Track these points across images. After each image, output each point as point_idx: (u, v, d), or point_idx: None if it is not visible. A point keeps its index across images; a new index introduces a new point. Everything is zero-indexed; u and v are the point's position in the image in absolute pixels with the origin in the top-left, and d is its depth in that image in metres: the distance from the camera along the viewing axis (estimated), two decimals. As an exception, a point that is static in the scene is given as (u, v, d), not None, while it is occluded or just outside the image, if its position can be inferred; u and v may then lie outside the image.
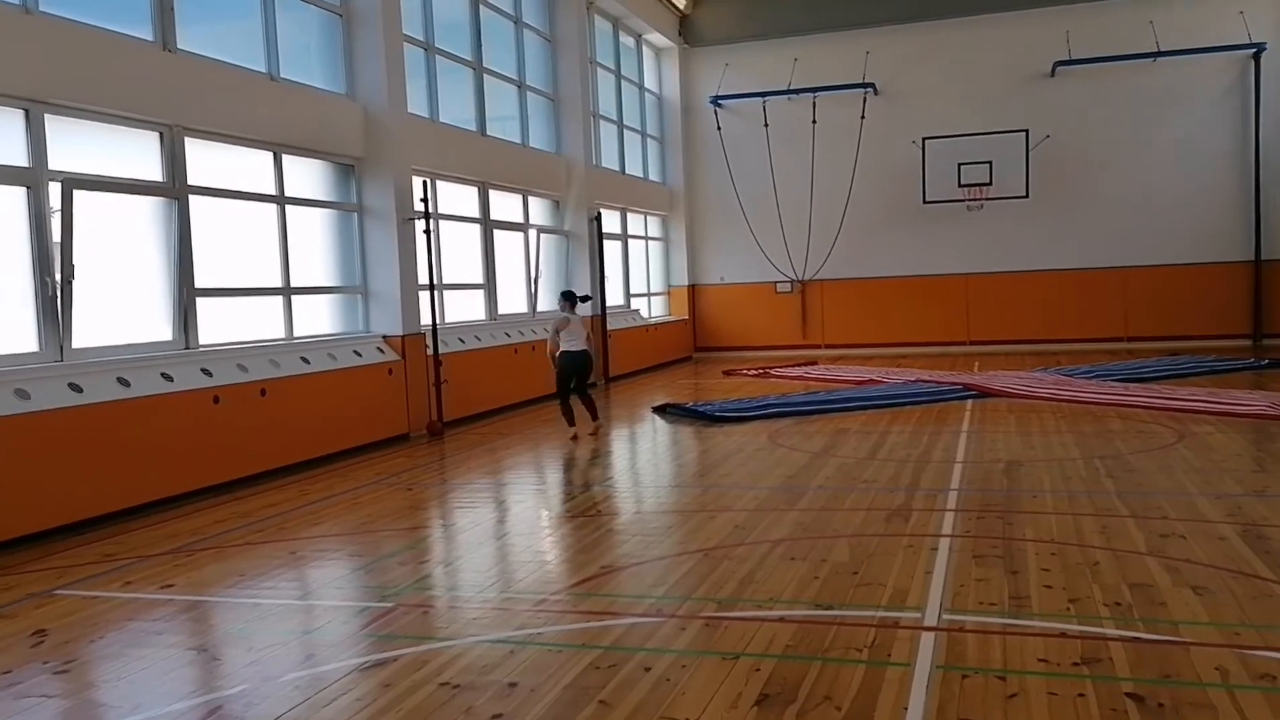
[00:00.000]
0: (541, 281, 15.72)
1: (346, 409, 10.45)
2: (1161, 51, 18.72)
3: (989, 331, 20.29)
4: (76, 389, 7.51)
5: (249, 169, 10.06)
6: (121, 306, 8.54)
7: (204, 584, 5.89)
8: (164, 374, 8.36)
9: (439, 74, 13.45)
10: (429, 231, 11.87)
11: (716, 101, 21.41)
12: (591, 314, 16.62)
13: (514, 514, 7.87)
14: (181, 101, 8.86)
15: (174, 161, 8.88)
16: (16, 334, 7.55)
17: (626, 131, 20.12)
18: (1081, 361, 17.11)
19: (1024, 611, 4.71)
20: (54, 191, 7.65)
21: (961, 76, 20.09)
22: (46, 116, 7.70)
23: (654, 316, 21.02)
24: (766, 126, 21.05)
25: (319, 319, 11.01)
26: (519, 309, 15.22)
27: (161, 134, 8.81)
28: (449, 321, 13.10)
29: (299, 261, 10.60)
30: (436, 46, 13.40)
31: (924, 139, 19.65)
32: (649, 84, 21.54)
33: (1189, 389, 12.71)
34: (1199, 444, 9.05)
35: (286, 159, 10.48)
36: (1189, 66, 18.92)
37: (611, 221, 18.69)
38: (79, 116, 8.03)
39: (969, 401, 12.67)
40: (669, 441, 10.97)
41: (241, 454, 9.01)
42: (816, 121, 20.73)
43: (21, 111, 7.56)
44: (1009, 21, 19.81)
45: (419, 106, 12.87)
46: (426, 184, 11.94)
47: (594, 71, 18.18)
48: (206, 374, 8.78)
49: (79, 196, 7.78)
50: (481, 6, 14.53)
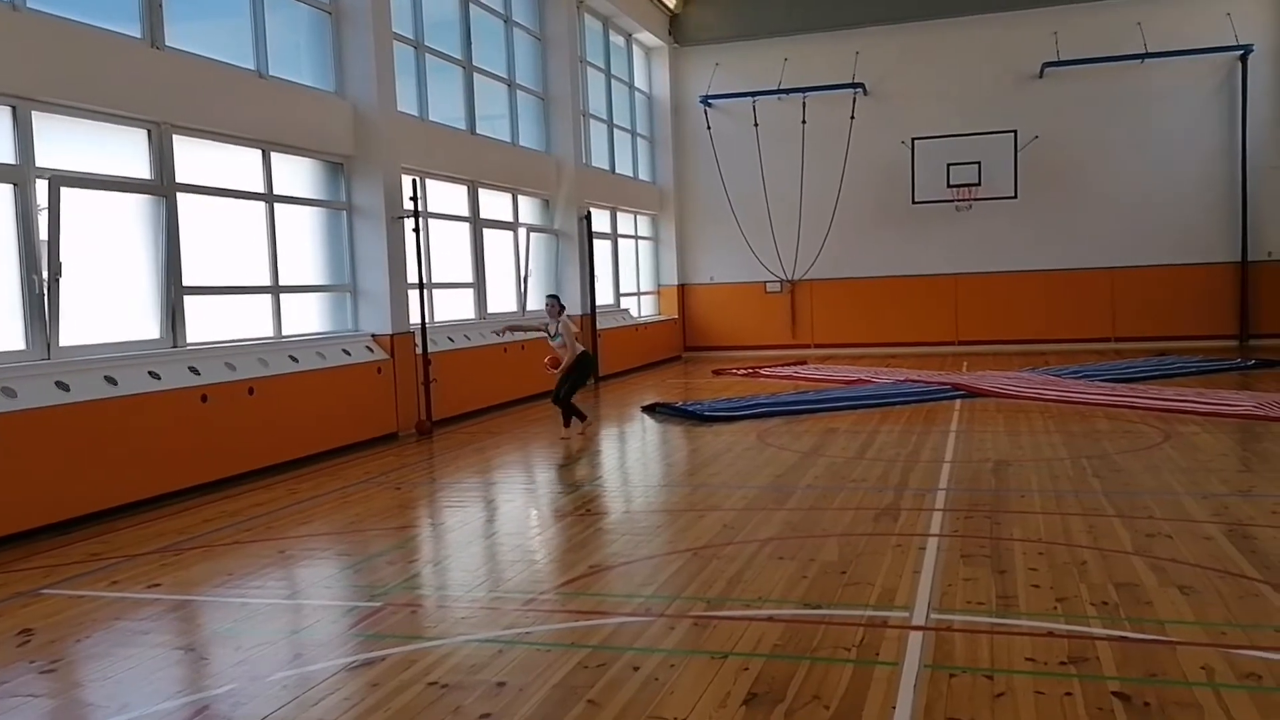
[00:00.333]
0: (531, 280, 15.71)
1: (335, 408, 10.42)
2: (1149, 53, 18.81)
3: (977, 331, 20.35)
4: (63, 387, 7.47)
5: (237, 167, 10.03)
6: (109, 304, 8.50)
7: (191, 583, 5.87)
8: (151, 372, 8.32)
9: (429, 72, 13.41)
10: (418, 230, 11.85)
11: (706, 101, 21.42)
12: (581, 313, 16.63)
13: (503, 513, 7.86)
14: (170, 99, 8.82)
15: (162, 159, 8.84)
16: (3, 332, 7.51)
17: (616, 131, 20.12)
18: (1069, 361, 17.17)
19: (1011, 611, 4.73)
20: (41, 189, 7.62)
21: (950, 77, 20.14)
22: (34, 113, 7.66)
23: (643, 316, 21.02)
24: (756, 126, 21.07)
25: (308, 318, 10.98)
26: (509, 308, 15.20)
27: (149, 131, 8.78)
28: (438, 320, 13.09)
29: (287, 260, 10.56)
30: (426, 45, 13.37)
31: (913, 139, 19.70)
32: (639, 83, 21.54)
33: (1176, 389, 12.77)
34: (1185, 444, 9.09)
35: (275, 157, 10.45)
36: (1176, 68, 19.01)
37: (601, 220, 18.68)
38: (67, 114, 7.99)
39: (957, 401, 12.71)
40: (658, 441, 10.98)
41: (229, 453, 8.98)
42: (806, 121, 20.76)
43: (9, 108, 7.52)
44: (998, 22, 19.88)
45: (408, 105, 12.85)
46: (416, 182, 11.91)
47: (584, 70, 18.17)
48: (194, 372, 8.74)
49: (66, 194, 7.75)
50: (471, 5, 14.50)
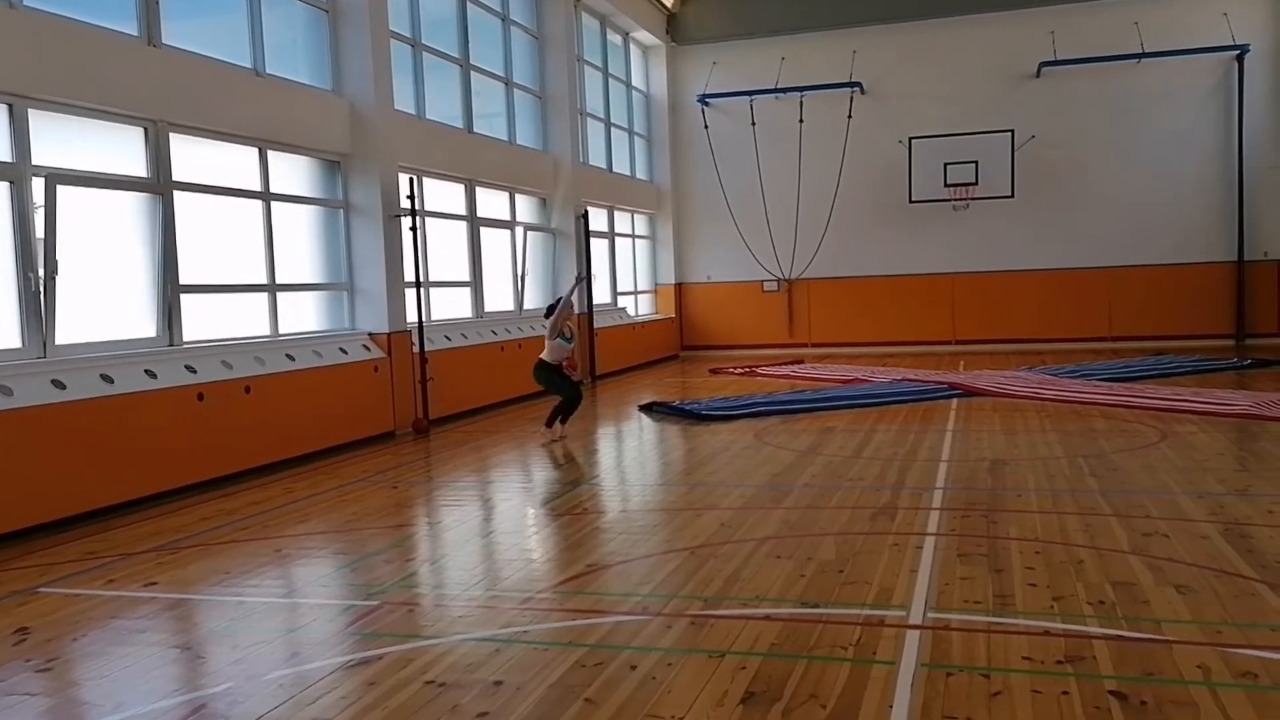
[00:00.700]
0: (529, 279, 15.70)
1: (332, 406, 10.41)
2: (1146, 53, 18.81)
3: (974, 331, 20.36)
4: (59, 385, 7.46)
5: (234, 165, 10.00)
6: (105, 303, 8.48)
7: (188, 582, 5.87)
8: (148, 371, 8.30)
9: (426, 71, 13.40)
10: (415, 228, 11.84)
11: (704, 100, 21.41)
12: (578, 312, 16.61)
13: (500, 512, 7.86)
14: (166, 97, 8.80)
15: (158, 157, 8.82)
16: (-1, 330, 7.51)
17: (614, 129, 20.10)
18: (1066, 361, 17.18)
19: (1008, 610, 4.73)
20: (37, 187, 7.60)
21: (948, 77, 20.14)
22: (30, 111, 7.64)
23: (641, 315, 21.01)
24: (754, 125, 21.06)
25: (304, 316, 10.96)
26: (505, 307, 15.19)
27: (146, 129, 8.76)
28: (435, 319, 13.08)
29: (284, 258, 10.55)
30: (423, 43, 13.35)
31: (910, 138, 19.69)
32: (636, 82, 21.52)
33: (1173, 388, 12.78)
34: (1182, 443, 9.10)
35: (272, 155, 10.43)
36: (1173, 67, 19.02)
37: (598, 219, 18.67)
38: (63, 111, 7.97)
39: (954, 400, 12.72)
40: (655, 440, 10.98)
41: (226, 451, 8.96)
42: (803, 120, 20.75)
43: (5, 106, 7.50)
44: (995, 22, 19.88)
45: (405, 103, 12.83)
46: (413, 181, 11.90)
47: (581, 69, 18.15)
48: (191, 371, 8.73)
49: (63, 192, 7.74)
50: (468, 3, 14.49)
